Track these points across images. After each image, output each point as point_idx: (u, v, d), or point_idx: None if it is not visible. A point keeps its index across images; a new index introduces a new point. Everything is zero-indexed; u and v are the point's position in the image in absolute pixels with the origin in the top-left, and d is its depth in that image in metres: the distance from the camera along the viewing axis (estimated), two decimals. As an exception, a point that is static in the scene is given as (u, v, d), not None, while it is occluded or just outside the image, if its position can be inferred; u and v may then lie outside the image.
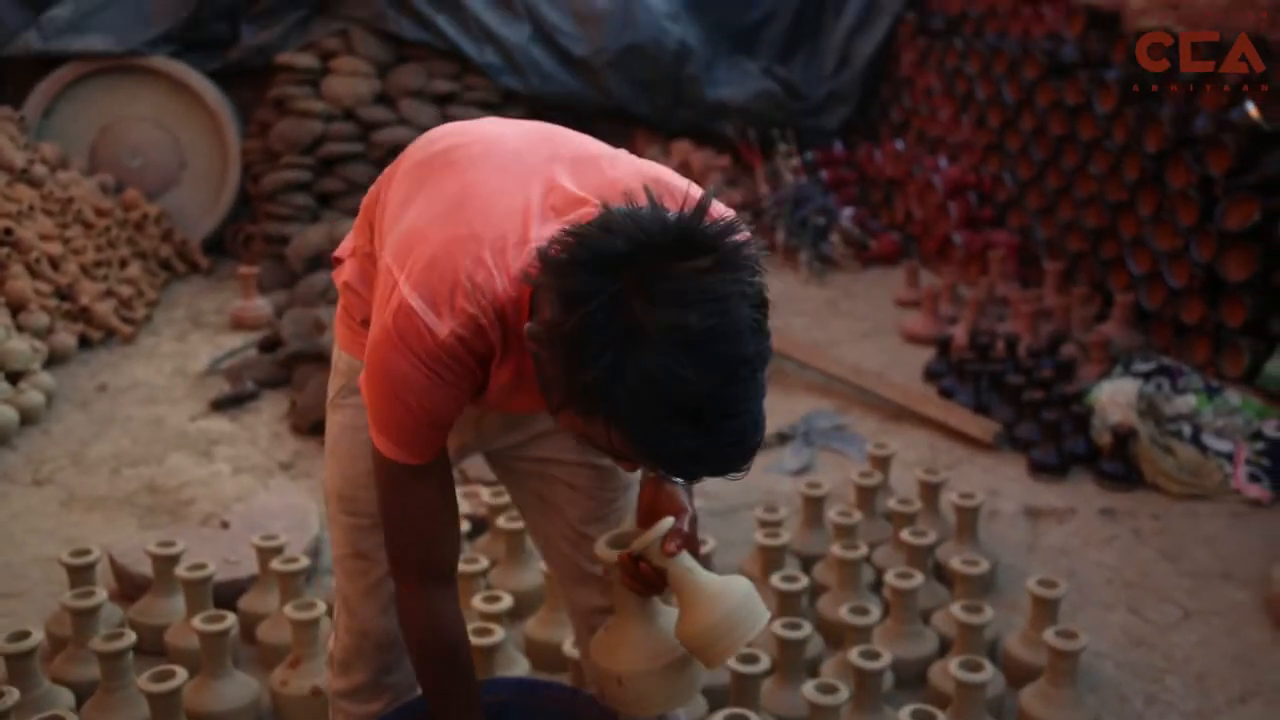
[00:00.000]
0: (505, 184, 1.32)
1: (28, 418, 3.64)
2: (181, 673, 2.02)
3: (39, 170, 4.91)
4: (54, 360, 4.14)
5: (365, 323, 1.46)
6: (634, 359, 1.09)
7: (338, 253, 1.62)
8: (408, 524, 1.40)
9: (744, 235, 1.17)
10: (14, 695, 1.96)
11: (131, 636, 2.13)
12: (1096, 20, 5.18)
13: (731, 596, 1.37)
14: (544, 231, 1.26)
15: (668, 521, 1.38)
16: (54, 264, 4.51)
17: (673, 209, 1.17)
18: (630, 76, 6.18)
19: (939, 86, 6.14)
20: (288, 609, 2.27)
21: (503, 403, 1.42)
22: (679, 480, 1.41)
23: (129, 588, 2.67)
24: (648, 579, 1.39)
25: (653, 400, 1.10)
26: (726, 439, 1.13)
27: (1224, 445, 3.49)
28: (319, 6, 5.90)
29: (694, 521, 1.43)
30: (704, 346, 1.09)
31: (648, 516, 1.44)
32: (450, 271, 1.24)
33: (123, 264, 4.98)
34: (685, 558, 1.40)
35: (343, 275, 1.57)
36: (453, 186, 1.33)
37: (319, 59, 5.76)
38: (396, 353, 1.26)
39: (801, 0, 6.85)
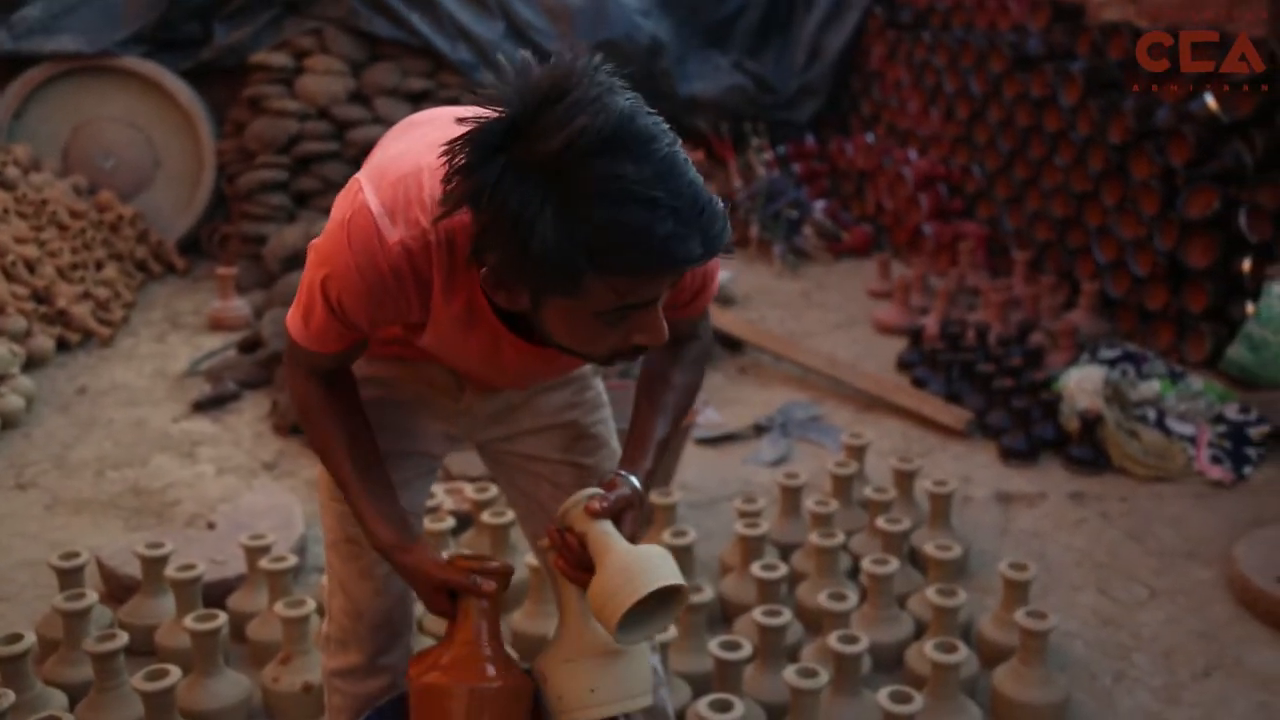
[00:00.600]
0: (436, 125, 1.37)
1: (8, 422, 3.65)
2: (175, 671, 2.06)
3: (11, 172, 4.90)
4: (32, 364, 4.14)
5: None
6: (566, 194, 1.10)
7: None
8: (298, 400, 1.47)
9: (581, 62, 1.16)
10: (9, 697, 1.99)
11: (124, 637, 2.16)
12: (1061, 13, 5.28)
13: (634, 556, 1.31)
14: None
15: (592, 489, 1.38)
16: (30, 267, 4.50)
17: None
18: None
19: (908, 79, 6.22)
20: (278, 606, 2.31)
21: (457, 346, 1.40)
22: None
23: (117, 589, 2.70)
24: (576, 556, 1.36)
25: (609, 215, 1.09)
26: (690, 207, 1.13)
27: (1187, 429, 3.59)
28: (291, 5, 5.89)
29: (634, 505, 1.40)
30: (612, 140, 1.10)
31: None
32: (416, 189, 1.28)
33: (99, 266, 4.97)
34: (607, 524, 1.36)
35: None
36: (434, 133, 1.32)
37: (293, 58, 5.76)
38: (340, 248, 1.28)
39: (772, -5, 6.92)
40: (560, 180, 1.10)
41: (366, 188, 1.29)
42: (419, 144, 1.35)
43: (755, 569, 2.48)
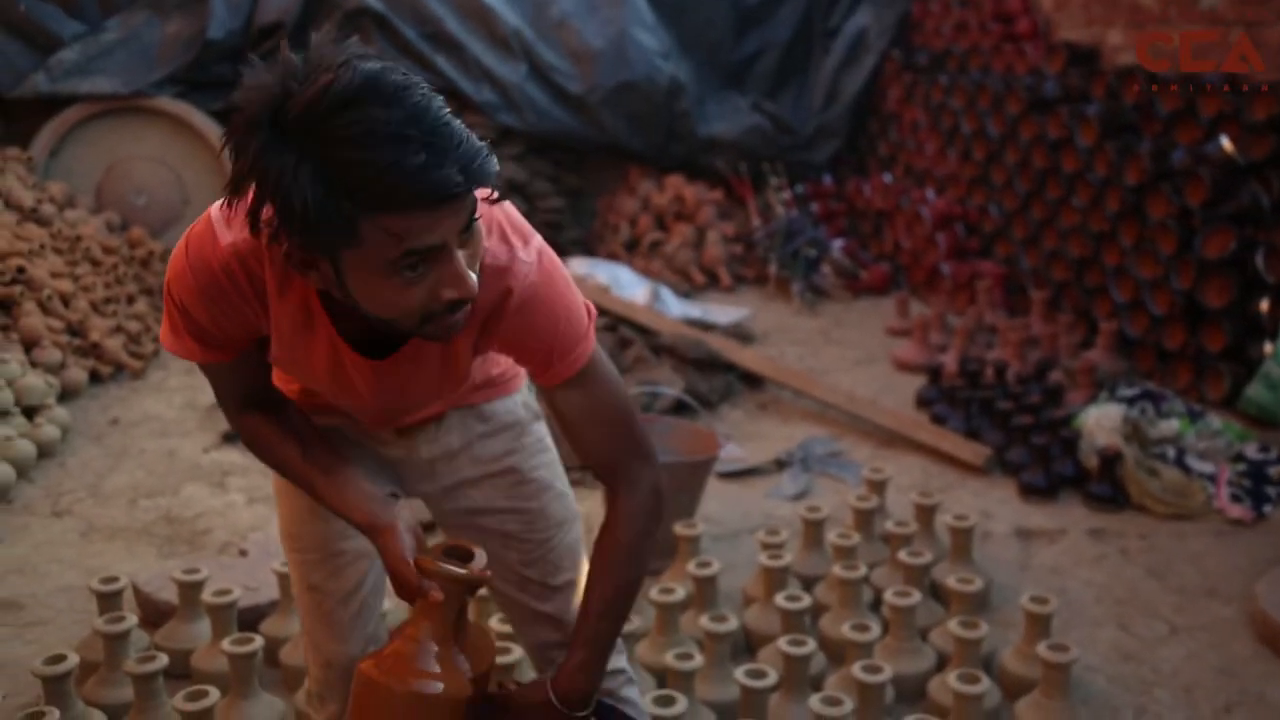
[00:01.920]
0: None
1: (45, 451, 3.72)
2: (214, 692, 2.10)
3: (47, 209, 5.02)
4: (66, 395, 4.22)
5: None
6: (320, 148, 1.11)
7: None
8: (244, 436, 1.50)
9: (327, 37, 1.19)
10: (54, 715, 2.04)
11: (163, 659, 2.22)
12: (1076, 57, 5.37)
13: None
14: None
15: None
16: (65, 301, 4.60)
17: None
18: (624, 113, 6.33)
19: (925, 121, 6.30)
20: (312, 632, 2.36)
21: (301, 358, 1.42)
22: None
23: (152, 614, 2.75)
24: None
25: (361, 155, 1.10)
26: (445, 140, 1.14)
27: (1207, 467, 3.61)
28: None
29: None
30: (360, 91, 1.11)
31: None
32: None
33: (130, 300, 5.08)
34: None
35: None
36: None
37: (321, 98, 5.89)
38: (179, 254, 1.33)
39: (790, 37, 7.04)
40: (312, 137, 1.11)
41: (218, 203, 1.32)
42: None
43: (779, 599, 2.51)
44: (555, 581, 1.69)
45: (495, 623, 2.48)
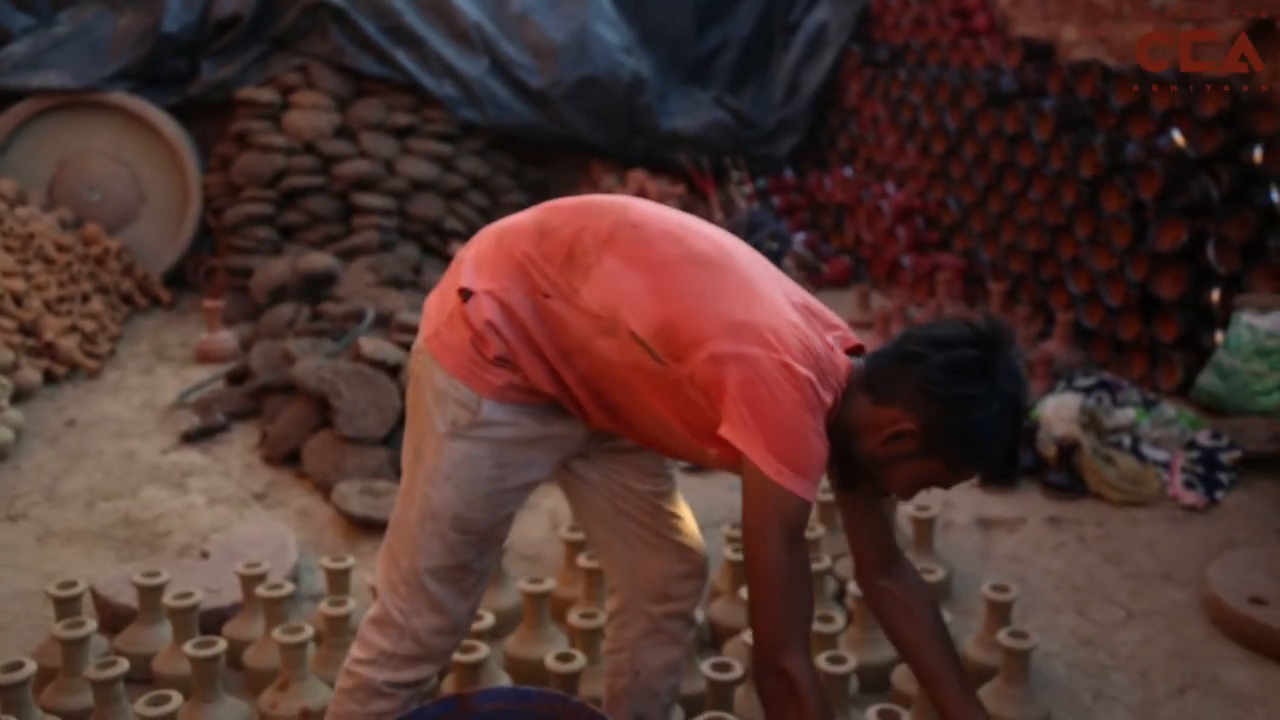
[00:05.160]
0: (778, 297, 1.64)
1: (-2, 454, 3.66)
2: (176, 697, 2.08)
3: (-1, 207, 4.93)
4: (19, 396, 4.15)
5: (501, 360, 1.66)
6: (1000, 417, 1.58)
7: (468, 285, 1.69)
8: (797, 583, 1.58)
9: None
10: (12, 723, 2.01)
11: (124, 664, 2.19)
12: (1033, 52, 5.43)
13: None
14: (834, 342, 1.67)
15: None
16: (17, 300, 4.52)
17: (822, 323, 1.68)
18: (585, 108, 6.32)
19: (884, 115, 6.35)
20: (276, 633, 2.34)
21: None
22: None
23: (111, 619, 2.71)
24: None
25: (1004, 442, 1.60)
26: (1015, 467, 1.65)
27: (1161, 455, 3.68)
28: (278, 42, 5.98)
29: None
30: (1024, 408, 1.62)
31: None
32: (817, 357, 1.60)
33: (85, 299, 5.00)
34: None
35: (482, 313, 1.66)
36: (734, 281, 1.62)
37: (279, 94, 5.84)
38: (806, 411, 1.54)
39: (751, 32, 7.06)
40: (1004, 406, 1.58)
41: (791, 360, 1.55)
42: (776, 308, 1.61)
43: (744, 593, 2.52)
44: (685, 515, 1.93)
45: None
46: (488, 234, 1.77)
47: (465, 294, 1.68)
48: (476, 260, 1.72)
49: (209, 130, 6.02)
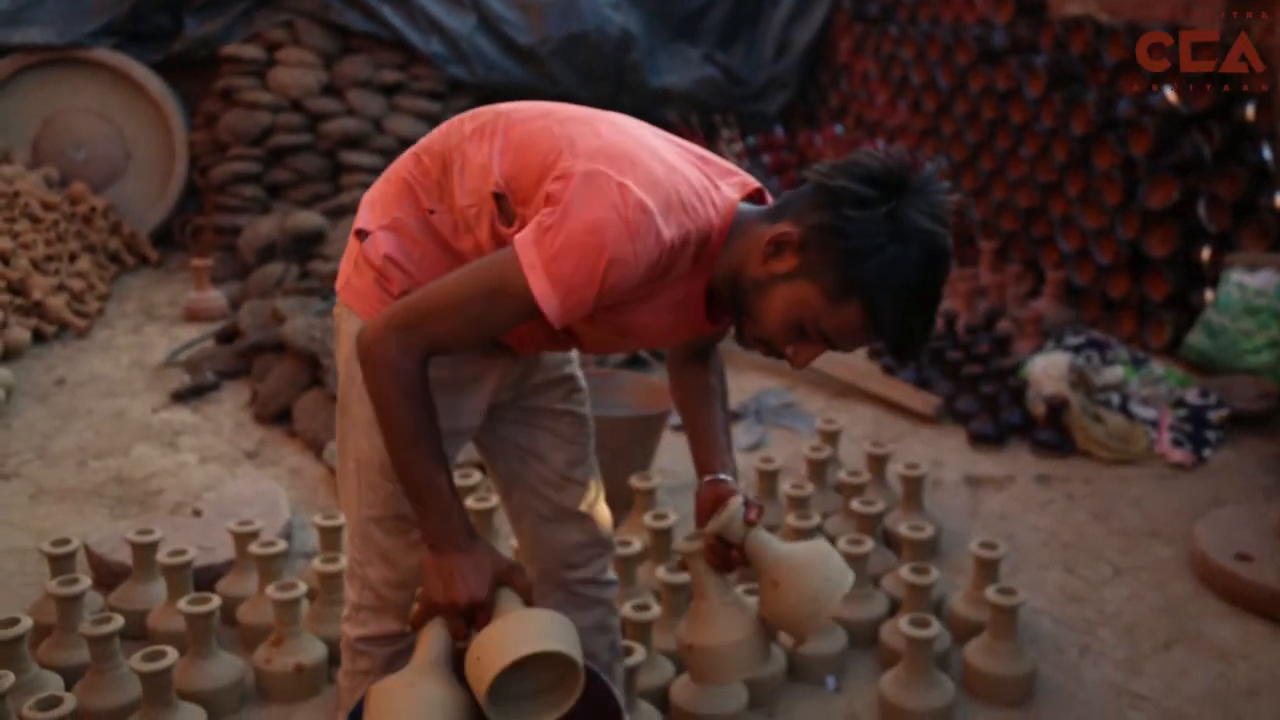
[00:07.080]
0: (651, 140, 1.52)
1: (-13, 413, 3.66)
2: (172, 653, 2.09)
3: (-18, 165, 4.88)
4: (8, 355, 4.14)
5: (407, 295, 1.52)
6: (900, 256, 1.38)
7: (362, 225, 1.65)
8: (466, 318, 1.44)
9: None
10: (9, 678, 2.02)
11: (119, 620, 2.20)
12: (1024, 8, 5.38)
13: (814, 571, 1.55)
14: (725, 185, 1.53)
15: (739, 499, 1.62)
16: (4, 259, 4.49)
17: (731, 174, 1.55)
18: (574, 64, 6.26)
19: (875, 72, 6.31)
20: (270, 590, 2.35)
21: (620, 329, 1.57)
22: (895, 359, 1.60)
23: (105, 576, 2.73)
24: (725, 559, 1.63)
25: (901, 289, 1.39)
26: (925, 327, 1.45)
27: (1149, 413, 3.70)
28: (263, -2, 5.89)
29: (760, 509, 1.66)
30: (942, 256, 1.41)
31: (708, 510, 1.67)
32: (674, 193, 1.44)
33: (72, 257, 4.96)
34: (761, 532, 1.62)
35: (378, 249, 1.60)
36: (611, 130, 1.50)
37: (265, 50, 5.76)
38: (624, 237, 1.39)
39: (741, -12, 6.98)
40: (907, 244, 1.39)
41: (630, 184, 1.40)
42: (642, 142, 1.49)
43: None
44: (591, 484, 1.88)
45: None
46: (382, 175, 1.72)
47: (361, 235, 1.64)
48: (369, 201, 1.67)
49: (194, 87, 5.95)
